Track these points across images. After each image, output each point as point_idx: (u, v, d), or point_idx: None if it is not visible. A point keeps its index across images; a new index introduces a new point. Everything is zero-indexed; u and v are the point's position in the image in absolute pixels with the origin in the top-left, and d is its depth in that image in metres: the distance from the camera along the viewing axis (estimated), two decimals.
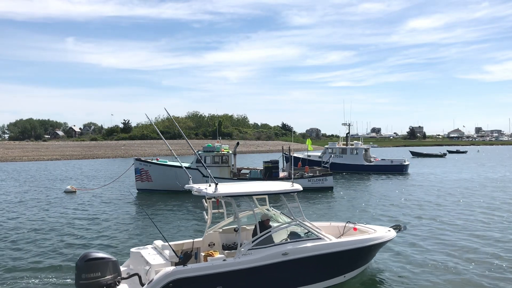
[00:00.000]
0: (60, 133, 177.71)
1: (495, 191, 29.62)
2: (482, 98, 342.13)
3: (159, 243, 10.50)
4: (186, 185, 10.88)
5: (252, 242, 9.74)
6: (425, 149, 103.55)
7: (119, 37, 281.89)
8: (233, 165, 29.62)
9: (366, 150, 47.91)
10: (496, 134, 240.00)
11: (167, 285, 8.72)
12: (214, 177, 9.40)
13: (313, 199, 25.61)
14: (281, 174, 30.17)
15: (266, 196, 11.21)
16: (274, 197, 11.84)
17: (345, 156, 46.72)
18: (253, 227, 10.73)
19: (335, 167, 42.42)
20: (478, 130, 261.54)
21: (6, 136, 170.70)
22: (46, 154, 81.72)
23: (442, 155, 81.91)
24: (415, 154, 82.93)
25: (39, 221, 19.50)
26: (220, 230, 11.36)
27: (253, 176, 29.24)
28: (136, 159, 30.43)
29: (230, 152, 29.91)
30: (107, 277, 8.70)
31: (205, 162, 28.94)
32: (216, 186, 9.93)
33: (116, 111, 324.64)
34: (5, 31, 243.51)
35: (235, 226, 11.24)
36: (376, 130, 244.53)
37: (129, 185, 33.08)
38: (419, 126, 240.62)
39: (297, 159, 40.68)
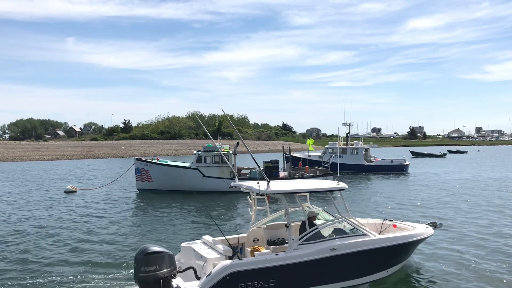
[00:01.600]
0: (61, 133, 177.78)
1: (500, 190, 29.73)
2: (482, 98, 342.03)
3: (208, 238, 10.94)
4: (233, 183, 11.38)
5: (302, 237, 10.09)
6: (425, 149, 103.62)
7: (119, 37, 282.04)
8: (233, 165, 29.63)
9: (366, 150, 47.94)
10: (497, 134, 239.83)
11: (224, 277, 9.09)
12: (214, 177, 9.52)
13: (315, 199, 25.64)
14: (281, 174, 30.20)
15: (307, 194, 11.66)
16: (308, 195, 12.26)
17: (345, 156, 46.72)
18: (297, 223, 11.09)
19: (335, 167, 42.37)
20: (478, 130, 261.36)
21: (7, 136, 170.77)
22: (47, 154, 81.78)
23: (442, 155, 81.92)
24: (415, 154, 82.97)
25: (43, 221, 19.55)
26: (264, 226, 11.67)
27: (253, 176, 29.24)
28: (137, 159, 30.48)
29: (230, 152, 29.94)
30: (164, 270, 9.00)
31: (205, 162, 29.00)
32: (268, 184, 10.31)
33: (117, 111, 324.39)
34: (5, 31, 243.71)
35: (279, 222, 11.68)
36: (376, 130, 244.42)
37: (130, 185, 33.13)
38: (420, 126, 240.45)
39: (297, 159, 40.71)
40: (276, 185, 10.60)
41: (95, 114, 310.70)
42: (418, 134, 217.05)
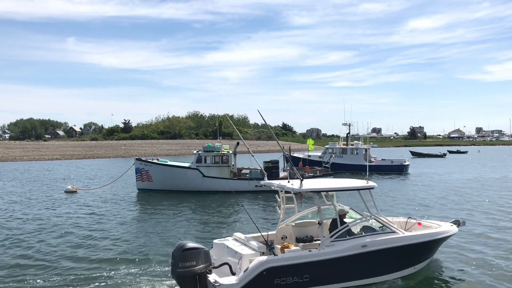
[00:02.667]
0: (61, 133, 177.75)
1: (503, 190, 29.82)
2: (482, 98, 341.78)
3: (240, 235, 11.20)
4: (262, 181, 11.70)
5: (334, 234, 10.38)
6: (425, 149, 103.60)
7: (120, 37, 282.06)
8: (233, 165, 29.65)
9: (366, 150, 47.96)
10: (497, 134, 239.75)
11: (261, 273, 9.36)
12: (214, 177, 9.54)
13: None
14: (282, 174, 30.18)
15: (334, 193, 11.85)
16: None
17: (345, 156, 46.75)
18: (327, 221, 11.31)
19: (336, 167, 42.43)
20: (478, 130, 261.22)
21: (7, 136, 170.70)
22: (47, 154, 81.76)
23: (442, 155, 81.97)
24: (415, 154, 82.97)
25: (45, 221, 19.54)
26: (293, 224, 11.91)
27: (253, 176, 29.27)
28: (137, 159, 30.47)
29: (230, 152, 29.95)
30: (201, 266, 9.28)
31: (205, 162, 28.99)
32: (301, 182, 10.58)
33: (117, 111, 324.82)
34: (5, 31, 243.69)
35: (307, 220, 12.05)
36: (376, 130, 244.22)
37: (130, 185, 33.12)
38: (420, 126, 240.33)
39: (297, 159, 40.72)
40: (308, 184, 10.84)
41: (95, 114, 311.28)
42: (419, 134, 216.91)
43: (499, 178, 38.49)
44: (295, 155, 45.07)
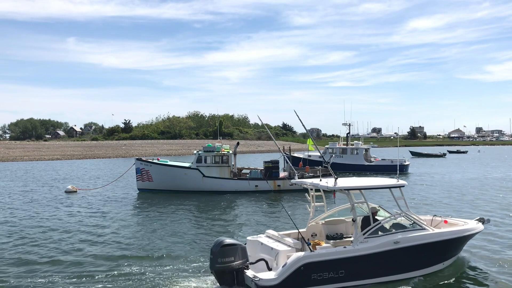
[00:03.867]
0: (61, 133, 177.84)
1: (505, 189, 29.96)
2: (482, 98, 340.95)
3: (273, 232, 11.53)
4: (293, 180, 12.18)
5: (367, 231, 10.69)
6: (425, 149, 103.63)
7: (120, 37, 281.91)
8: (233, 165, 29.71)
9: (366, 150, 48.02)
10: (497, 134, 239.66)
11: (298, 268, 9.70)
12: (214, 177, 9.67)
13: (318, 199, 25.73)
14: (282, 174, 30.23)
15: (363, 192, 12.03)
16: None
17: (345, 156, 46.83)
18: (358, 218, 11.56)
19: (336, 167, 42.44)
20: (478, 130, 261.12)
21: (7, 136, 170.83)
22: (47, 154, 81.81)
23: (442, 155, 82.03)
24: (415, 154, 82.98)
25: (45, 222, 19.63)
26: (323, 221, 12.28)
27: (253, 176, 29.33)
28: (137, 159, 30.53)
29: (230, 152, 30.00)
30: (238, 261, 9.58)
31: (205, 162, 29.03)
32: (335, 180, 10.97)
33: (117, 111, 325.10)
34: (6, 31, 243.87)
35: (337, 218, 12.43)
36: (376, 130, 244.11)
37: (130, 185, 33.17)
38: (420, 126, 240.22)
39: (298, 159, 40.77)
40: (342, 182, 11.23)
41: (96, 114, 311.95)
42: (419, 134, 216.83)
43: (500, 178, 38.47)
44: (295, 155, 45.11)
